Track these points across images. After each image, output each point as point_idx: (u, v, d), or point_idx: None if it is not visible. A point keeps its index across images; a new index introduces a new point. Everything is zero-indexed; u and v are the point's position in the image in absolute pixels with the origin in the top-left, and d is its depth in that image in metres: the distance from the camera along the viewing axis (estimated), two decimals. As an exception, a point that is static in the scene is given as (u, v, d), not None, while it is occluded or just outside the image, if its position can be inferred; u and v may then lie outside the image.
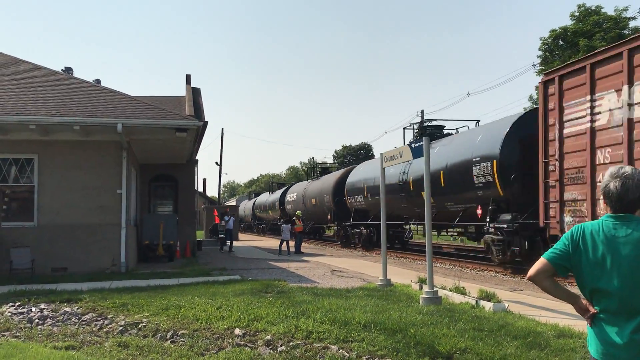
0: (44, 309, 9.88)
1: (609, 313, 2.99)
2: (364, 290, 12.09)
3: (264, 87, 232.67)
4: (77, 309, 9.81)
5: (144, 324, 8.58)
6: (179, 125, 16.02)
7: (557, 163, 14.25)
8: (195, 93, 25.21)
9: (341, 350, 6.84)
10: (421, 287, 11.93)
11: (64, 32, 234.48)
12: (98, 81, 24.63)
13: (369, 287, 12.85)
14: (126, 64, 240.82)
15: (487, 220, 17.77)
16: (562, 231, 13.68)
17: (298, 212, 34.34)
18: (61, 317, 9.37)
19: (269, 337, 7.46)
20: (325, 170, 42.77)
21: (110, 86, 20.76)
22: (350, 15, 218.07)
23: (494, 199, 17.62)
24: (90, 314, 9.48)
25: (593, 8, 41.26)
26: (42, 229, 16.17)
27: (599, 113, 12.84)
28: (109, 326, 8.74)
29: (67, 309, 9.83)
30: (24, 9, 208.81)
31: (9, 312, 9.70)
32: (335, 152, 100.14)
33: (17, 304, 10.23)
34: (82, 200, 16.42)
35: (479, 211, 18.41)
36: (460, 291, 11.01)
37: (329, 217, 26.28)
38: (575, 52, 39.50)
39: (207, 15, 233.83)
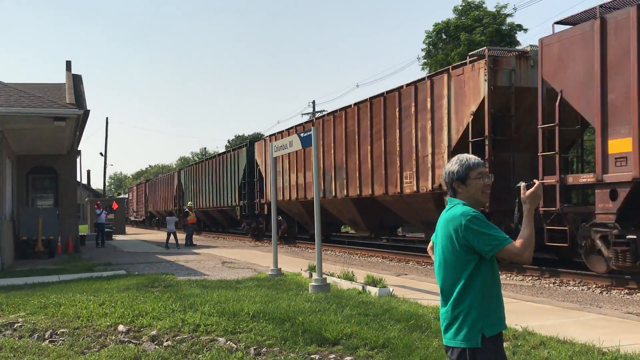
0: None
1: None
2: (254, 280, 12.07)
3: (154, 76, 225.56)
4: (-56, 311, 9.11)
5: (19, 324, 8.10)
6: (57, 113, 15.19)
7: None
8: (76, 80, 23.99)
9: (229, 342, 6.79)
10: (311, 275, 12.08)
11: None
12: (-33, 66, 22.93)
13: (260, 277, 12.84)
14: (1, 48, 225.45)
15: None
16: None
17: (189, 203, 33.66)
18: None
19: (154, 332, 7.27)
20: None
21: (-20, 72, 19.38)
22: (242, 5, 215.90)
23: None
24: (-42, 316, 8.83)
25: (476, 3, 43.16)
26: None
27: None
28: (-20, 328, 8.19)
29: None
30: None
31: None
32: (228, 141, 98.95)
33: None
34: (-50, 194, 15.25)
35: None
36: (348, 277, 11.24)
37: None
38: (457, 45, 41.24)
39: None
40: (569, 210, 12.19)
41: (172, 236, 25.43)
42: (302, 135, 12.14)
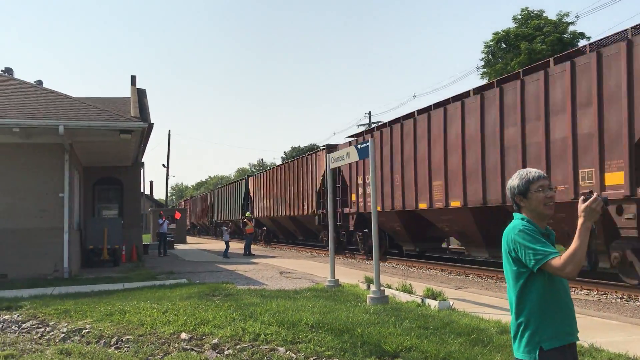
0: (-18, 317, 9.53)
1: None
2: (312, 291, 12.12)
3: (214, 88, 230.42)
4: (17, 316, 9.52)
5: (87, 331, 8.39)
6: (123, 127, 15.71)
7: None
8: (141, 94, 24.73)
9: (289, 351, 6.84)
10: (368, 287, 12.04)
11: (3, 31, 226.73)
12: (40, 82, 23.92)
13: (317, 287, 12.90)
14: (70, 64, 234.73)
15: None
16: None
17: (248, 213, 34.14)
18: (0, 326, 9.07)
19: (215, 340, 7.40)
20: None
21: (52, 87, 20.22)
22: (299, 16, 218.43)
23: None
24: (31, 321, 9.21)
25: (536, 11, 42.25)
26: (-20, 235, 15.59)
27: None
28: (51, 333, 8.52)
29: (6, 316, 9.52)
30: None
31: (-56, 321, 9.32)
32: (285, 153, 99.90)
33: (-47, 313, 9.85)
34: (23, 204, 15.91)
35: None
36: (407, 290, 11.15)
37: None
38: (517, 54, 40.44)
39: (154, 14, 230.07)
40: (345, 225, 24.41)
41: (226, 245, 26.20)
42: (359, 146, 12.19)
